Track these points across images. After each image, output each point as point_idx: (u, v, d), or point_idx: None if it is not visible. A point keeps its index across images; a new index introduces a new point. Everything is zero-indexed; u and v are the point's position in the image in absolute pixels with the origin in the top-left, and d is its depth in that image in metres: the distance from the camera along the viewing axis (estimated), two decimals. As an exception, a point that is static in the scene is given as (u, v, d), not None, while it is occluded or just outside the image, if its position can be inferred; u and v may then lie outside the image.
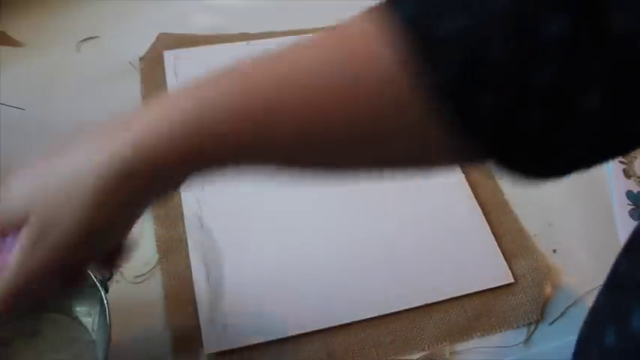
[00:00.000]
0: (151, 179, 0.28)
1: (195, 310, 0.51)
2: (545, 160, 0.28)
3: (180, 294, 0.52)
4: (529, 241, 0.60)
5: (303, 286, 0.53)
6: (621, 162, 0.68)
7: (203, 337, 0.49)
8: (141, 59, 0.69)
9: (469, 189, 0.62)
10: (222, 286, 0.52)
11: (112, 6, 0.76)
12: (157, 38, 0.72)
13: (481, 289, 0.55)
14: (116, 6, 0.76)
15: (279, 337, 0.50)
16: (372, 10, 0.27)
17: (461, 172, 0.63)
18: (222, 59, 0.74)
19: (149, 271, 0.53)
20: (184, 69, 0.68)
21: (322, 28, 0.75)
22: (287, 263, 0.55)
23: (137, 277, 0.53)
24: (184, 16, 0.76)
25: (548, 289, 0.57)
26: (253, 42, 0.73)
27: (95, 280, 0.42)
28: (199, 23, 0.76)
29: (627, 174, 0.67)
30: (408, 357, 0.51)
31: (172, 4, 0.78)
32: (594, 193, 0.66)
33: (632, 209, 0.64)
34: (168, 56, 0.69)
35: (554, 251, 0.60)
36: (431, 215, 0.60)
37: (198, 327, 0.50)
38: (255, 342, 0.50)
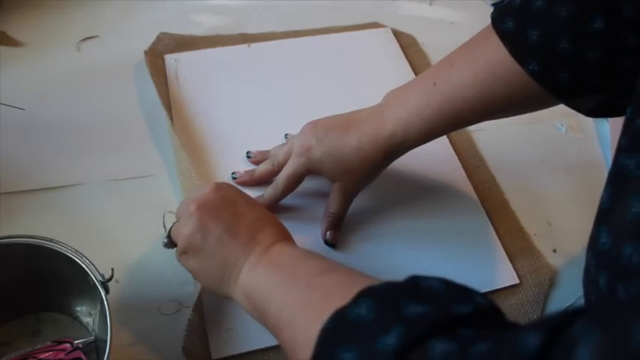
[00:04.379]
0: (393, 154, 0.53)
1: (199, 313, 0.50)
2: (600, 108, 0.48)
3: (180, 294, 0.52)
4: (529, 241, 0.60)
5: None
6: (621, 162, 0.68)
7: (210, 342, 0.49)
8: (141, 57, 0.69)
9: (473, 190, 0.62)
10: None
11: (112, 6, 0.76)
12: (157, 38, 0.72)
13: (486, 290, 0.55)
14: (116, 6, 0.76)
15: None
16: (489, 26, 0.48)
17: (464, 172, 0.64)
18: (222, 62, 0.75)
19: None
20: (185, 72, 0.68)
21: (321, 29, 0.76)
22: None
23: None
24: (184, 16, 0.76)
25: (548, 289, 0.57)
26: (254, 44, 0.73)
27: (95, 280, 0.42)
28: (199, 23, 0.76)
29: (627, 174, 0.67)
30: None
31: (172, 4, 0.78)
32: (594, 193, 0.65)
33: (632, 209, 0.64)
34: (170, 60, 0.70)
35: (554, 251, 0.60)
36: (435, 218, 0.60)
37: (203, 331, 0.50)
38: (260, 347, 0.49)
